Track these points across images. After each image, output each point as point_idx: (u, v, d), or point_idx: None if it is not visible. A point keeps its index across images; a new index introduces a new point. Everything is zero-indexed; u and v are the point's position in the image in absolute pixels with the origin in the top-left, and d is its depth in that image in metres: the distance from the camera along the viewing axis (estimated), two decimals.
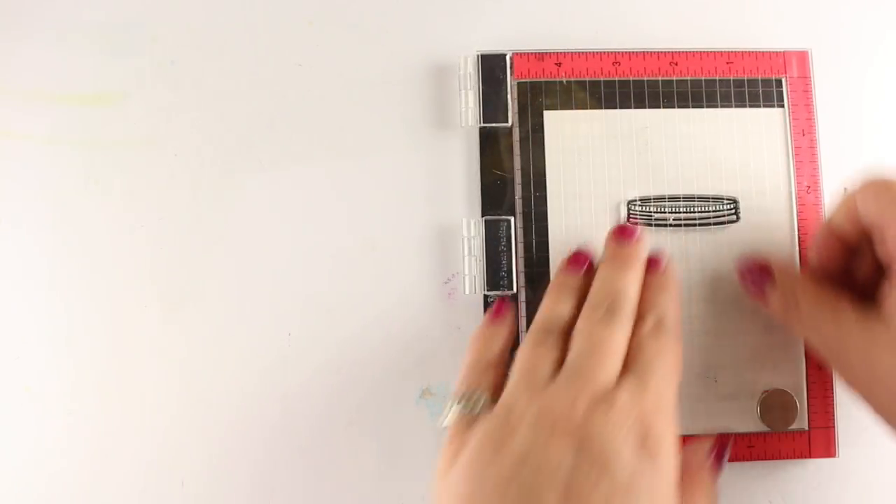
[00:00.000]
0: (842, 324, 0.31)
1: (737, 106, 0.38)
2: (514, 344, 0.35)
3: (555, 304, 0.32)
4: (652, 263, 0.33)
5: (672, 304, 0.32)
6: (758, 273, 0.34)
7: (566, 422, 0.27)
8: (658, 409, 0.28)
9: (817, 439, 0.36)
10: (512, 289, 0.36)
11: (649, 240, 0.35)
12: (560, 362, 0.30)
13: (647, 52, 0.38)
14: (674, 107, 0.37)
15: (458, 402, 0.31)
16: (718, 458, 0.31)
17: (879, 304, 0.30)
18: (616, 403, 0.28)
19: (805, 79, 0.38)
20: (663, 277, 0.33)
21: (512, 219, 0.37)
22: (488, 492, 0.26)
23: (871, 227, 0.30)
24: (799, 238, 0.37)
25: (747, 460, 0.36)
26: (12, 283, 0.37)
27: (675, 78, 0.38)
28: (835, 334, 0.31)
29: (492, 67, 0.37)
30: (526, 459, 0.27)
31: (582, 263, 0.34)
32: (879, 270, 0.32)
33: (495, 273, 0.36)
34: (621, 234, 0.34)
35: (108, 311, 0.37)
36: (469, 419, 0.30)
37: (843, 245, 0.33)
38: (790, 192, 0.37)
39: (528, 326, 0.33)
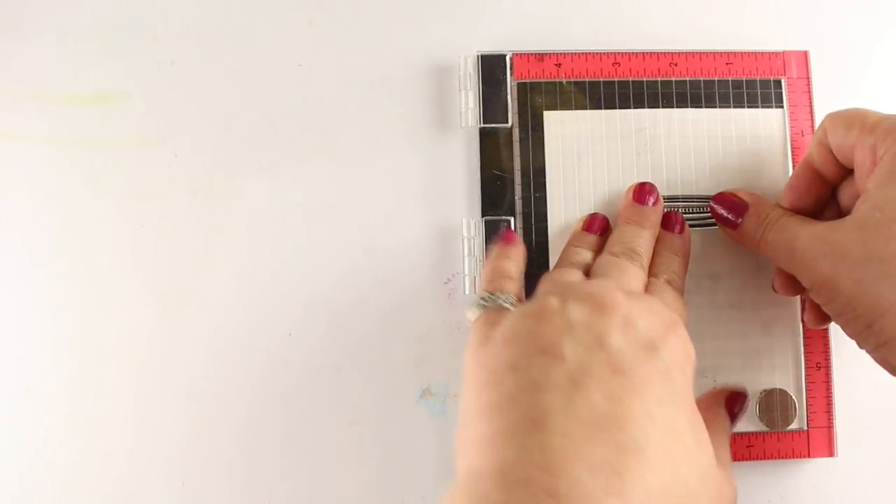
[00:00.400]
0: (806, 226, 0.32)
1: (736, 107, 0.38)
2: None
3: (573, 253, 0.34)
4: (669, 224, 0.35)
5: (682, 269, 0.34)
6: (730, 204, 0.35)
7: (611, 304, 0.27)
8: (682, 326, 0.29)
9: (816, 439, 0.36)
10: None
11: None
12: None
13: (647, 53, 0.38)
14: (673, 107, 0.38)
15: (483, 301, 0.32)
16: (732, 410, 0.32)
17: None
18: (653, 303, 0.29)
19: (804, 79, 0.38)
20: (678, 240, 0.35)
21: (512, 219, 0.37)
22: (533, 354, 0.26)
23: (838, 152, 0.32)
24: None
25: (747, 460, 0.36)
26: (12, 283, 0.37)
27: (674, 79, 0.38)
28: (800, 236, 0.31)
29: (492, 68, 0.37)
30: (573, 328, 0.26)
31: (598, 226, 0.35)
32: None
33: None
34: (640, 195, 0.35)
35: (108, 311, 0.37)
36: (498, 310, 0.31)
37: (817, 180, 0.34)
38: None
39: None
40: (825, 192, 0.34)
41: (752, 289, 0.37)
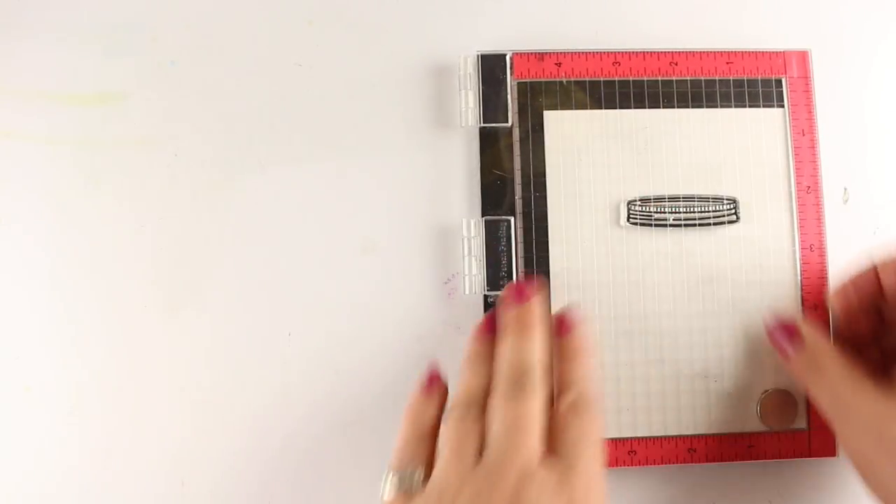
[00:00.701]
0: (858, 393, 0.31)
1: (737, 106, 0.38)
2: None
3: (471, 378, 0.32)
4: (561, 327, 0.33)
5: (586, 375, 0.31)
6: (788, 334, 0.34)
7: (498, 501, 0.27)
8: (588, 491, 0.28)
9: (817, 439, 0.36)
10: None
11: (546, 296, 0.35)
12: (484, 435, 0.30)
13: (647, 52, 0.38)
14: (674, 107, 0.37)
15: (395, 477, 0.30)
16: None
17: None
18: (546, 485, 0.27)
19: (805, 79, 0.38)
20: (574, 343, 0.32)
21: (512, 219, 0.37)
22: None
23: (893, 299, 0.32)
24: (798, 239, 0.37)
25: (747, 460, 0.36)
26: (12, 282, 0.37)
27: (675, 78, 0.38)
28: (850, 402, 0.31)
29: (492, 67, 0.37)
30: None
31: (491, 330, 0.33)
32: None
33: (495, 273, 0.36)
34: (514, 296, 0.33)
35: (108, 310, 0.37)
36: (405, 495, 0.30)
37: (870, 302, 0.34)
38: (790, 192, 0.37)
39: None
40: (877, 318, 0.34)
41: (753, 288, 0.37)
